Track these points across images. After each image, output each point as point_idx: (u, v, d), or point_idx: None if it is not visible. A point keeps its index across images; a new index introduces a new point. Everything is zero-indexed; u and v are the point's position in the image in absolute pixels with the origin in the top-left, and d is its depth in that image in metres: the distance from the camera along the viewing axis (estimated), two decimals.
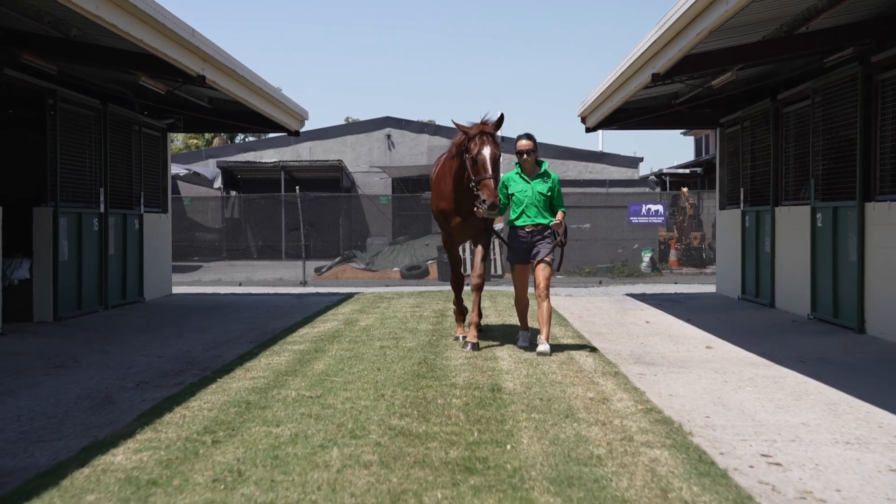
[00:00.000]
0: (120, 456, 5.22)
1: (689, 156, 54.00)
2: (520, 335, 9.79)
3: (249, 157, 36.43)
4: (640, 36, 10.89)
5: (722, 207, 17.79)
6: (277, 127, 17.74)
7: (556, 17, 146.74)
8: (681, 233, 29.50)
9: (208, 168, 35.24)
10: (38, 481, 4.76)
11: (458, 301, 10.63)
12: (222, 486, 4.49)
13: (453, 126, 9.67)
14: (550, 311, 9.43)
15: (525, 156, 9.45)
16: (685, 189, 29.95)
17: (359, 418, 6.06)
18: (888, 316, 10.44)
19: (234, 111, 16.78)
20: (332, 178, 35.50)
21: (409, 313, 13.58)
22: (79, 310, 13.37)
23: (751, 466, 5.20)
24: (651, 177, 33.07)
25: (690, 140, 54.82)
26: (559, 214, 9.33)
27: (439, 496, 4.31)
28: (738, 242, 16.21)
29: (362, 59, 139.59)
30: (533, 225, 9.33)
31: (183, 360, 9.40)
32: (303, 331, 11.57)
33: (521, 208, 9.38)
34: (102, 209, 14.20)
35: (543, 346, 9.11)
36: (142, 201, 16.03)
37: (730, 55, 11.62)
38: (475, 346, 9.46)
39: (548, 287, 9.22)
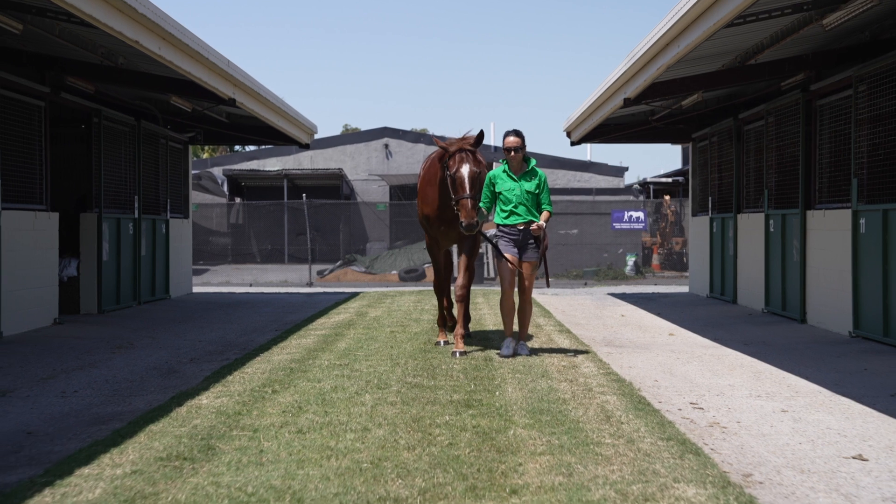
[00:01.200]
0: (205, 400, 6.94)
1: (677, 163, 55.75)
2: (504, 343, 9.31)
3: (253, 165, 38.10)
4: (632, 44, 12.36)
5: (694, 214, 19.56)
6: (289, 140, 19.43)
7: (549, 31, 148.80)
8: (663, 238, 31.32)
9: (215, 175, 36.97)
10: (151, 414, 6.45)
11: (441, 307, 10.48)
12: (290, 414, 6.22)
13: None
14: (531, 313, 9.50)
15: (512, 153, 9.13)
16: (667, 197, 31.75)
17: (381, 377, 7.80)
18: (823, 308, 12.21)
19: (249, 125, 18.48)
20: (333, 186, 37.23)
21: (411, 307, 15.31)
22: (117, 304, 15.05)
23: (679, 409, 6.92)
24: (635, 185, 34.92)
25: (678, 149, 56.57)
26: (544, 214, 9.16)
27: (447, 419, 6.04)
28: (707, 246, 17.99)
29: (359, 67, 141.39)
30: (524, 223, 9.05)
31: (221, 343, 11.09)
32: (320, 321, 13.29)
33: (509, 207, 9.09)
34: (136, 215, 15.89)
35: (524, 350, 9.25)
36: (168, 207, 17.74)
37: (691, 82, 13.37)
38: (463, 354, 9.19)
39: (531, 289, 9.26)
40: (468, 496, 4.29)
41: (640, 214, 25.58)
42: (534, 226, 9.02)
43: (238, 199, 38.35)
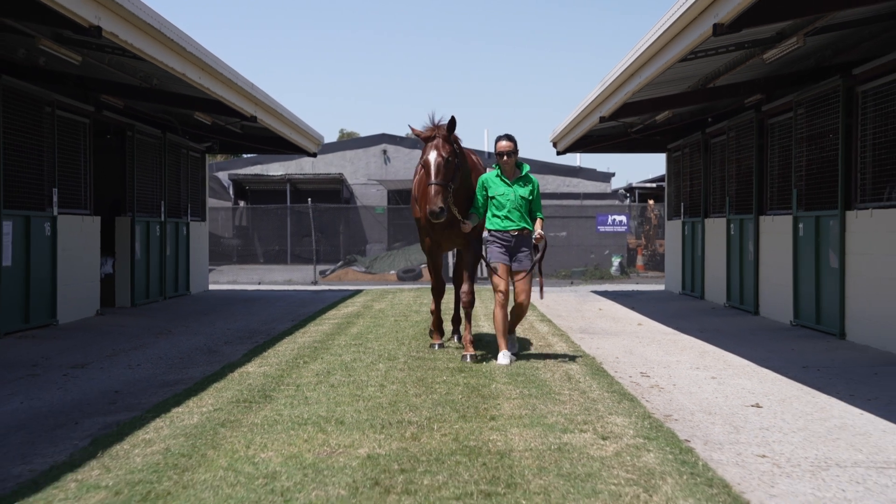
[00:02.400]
0: (250, 368, 8.68)
1: (662, 169, 57.56)
2: (500, 355, 8.97)
3: (257, 169, 39.81)
4: (629, 45, 13.81)
5: (669, 218, 21.35)
6: (298, 150, 21.16)
7: (545, 34, 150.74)
8: (647, 240, 33.14)
9: (221, 180, 38.71)
10: (210, 378, 8.18)
11: (438, 311, 10.30)
12: (322, 376, 7.97)
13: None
14: (525, 314, 9.43)
15: (505, 157, 9.03)
16: (651, 202, 33.57)
17: (390, 353, 9.55)
18: (772, 301, 13.98)
19: (262, 136, 20.19)
20: (334, 190, 38.99)
21: (411, 301, 17.06)
22: (147, 298, 16.77)
23: (630, 376, 8.66)
24: (620, 190, 36.76)
25: (663, 155, 58.39)
26: (538, 223, 9.10)
27: (444, 379, 7.79)
28: (680, 248, 19.77)
29: (355, 70, 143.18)
30: (517, 229, 8.94)
31: (247, 330, 12.81)
32: (331, 313, 15.03)
33: (503, 212, 8.95)
34: (162, 218, 17.62)
35: (512, 348, 9.29)
36: (189, 211, 19.46)
37: (660, 102, 15.13)
38: (474, 357, 8.95)
39: (528, 299, 9.14)
40: (460, 421, 6.04)
41: (623, 218, 27.39)
42: (536, 235, 8.96)
43: (242, 203, 40.06)
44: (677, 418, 6.67)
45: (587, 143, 20.62)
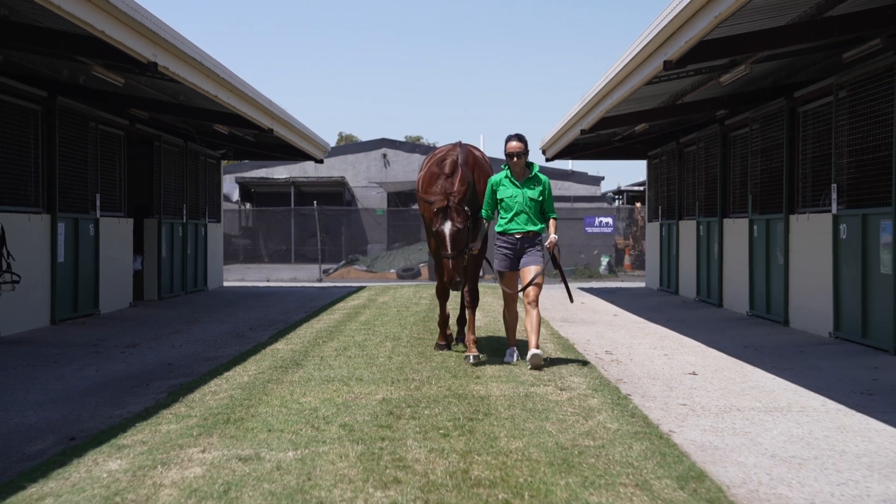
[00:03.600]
0: (279, 346, 10.41)
1: None
2: (507, 351, 9.18)
3: (262, 173, 41.53)
4: (617, 56, 15.08)
5: (649, 220, 23.09)
6: (306, 156, 22.86)
7: (540, 39, 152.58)
8: (635, 241, 34.88)
9: (225, 183, 40.42)
10: (246, 354, 9.89)
11: (444, 316, 10.01)
12: (340, 350, 9.70)
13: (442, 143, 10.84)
14: (539, 319, 9.02)
15: (515, 159, 8.89)
16: (639, 204, 35.32)
17: (395, 335, 11.28)
18: (733, 295, 15.71)
19: (273, 144, 21.88)
20: (336, 193, 40.74)
21: (411, 296, 18.80)
22: (171, 292, 18.48)
23: (596, 354, 10.37)
24: (609, 193, 38.53)
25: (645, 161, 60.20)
26: (552, 225, 9.02)
27: (440, 353, 9.52)
28: (658, 247, 21.51)
29: (353, 74, 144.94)
30: (522, 232, 8.81)
31: (267, 319, 14.51)
32: (339, 305, 16.75)
33: (510, 214, 8.84)
34: (184, 220, 19.33)
35: (534, 350, 8.58)
36: (206, 213, 21.18)
37: (635, 116, 16.84)
38: (477, 358, 8.92)
39: (538, 297, 8.91)
40: (452, 378, 7.78)
41: (609, 219, 29.17)
42: (548, 243, 8.89)
43: (248, 205, 41.80)
44: (626, 381, 8.39)
45: (574, 150, 22.34)
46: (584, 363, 9.18)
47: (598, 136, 21.50)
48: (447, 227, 8.66)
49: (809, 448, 5.80)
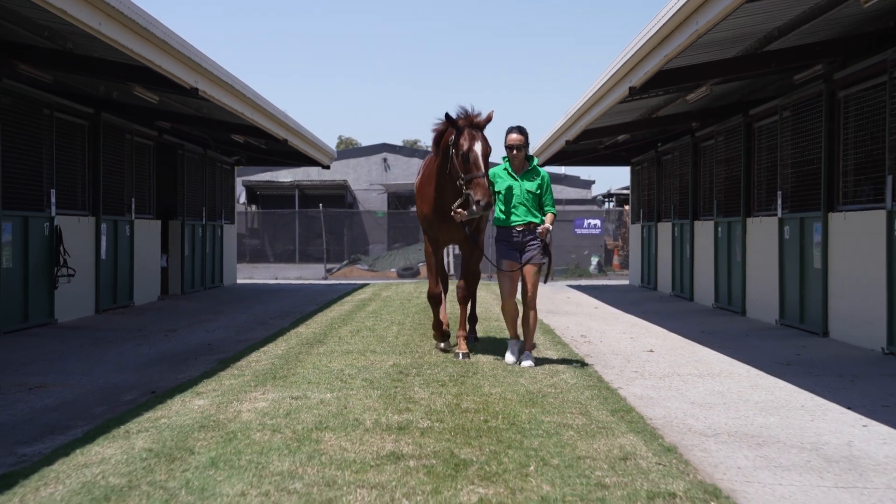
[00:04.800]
0: (301, 329, 12.17)
1: None
2: (509, 344, 9.13)
3: (267, 176, 43.29)
4: (608, 60, 16.59)
5: (632, 222, 24.88)
6: (314, 163, 24.59)
7: (535, 41, 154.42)
8: (623, 242, 36.68)
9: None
10: (272, 336, 11.63)
11: (438, 321, 9.86)
12: (353, 332, 11.47)
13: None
14: (536, 320, 9.20)
15: (514, 151, 8.81)
16: (627, 207, 37.11)
17: (400, 322, 13.05)
18: (702, 290, 17.49)
19: (284, 151, 23.63)
20: (338, 195, 42.51)
21: (412, 291, 20.57)
22: (192, 288, 20.22)
23: (572, 337, 12.12)
24: (599, 196, 40.36)
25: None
26: (548, 217, 8.88)
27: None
28: (640, 247, 23.29)
29: (351, 77, 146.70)
30: (523, 224, 8.75)
31: (283, 311, 16.24)
32: (347, 299, 18.51)
33: (509, 207, 8.80)
34: (204, 221, 21.08)
35: (528, 362, 8.75)
36: (222, 216, 22.93)
37: (614, 128, 18.61)
38: (466, 356, 9.08)
39: (535, 294, 8.94)
40: (448, 352, 9.55)
41: (597, 221, 30.97)
42: (541, 229, 8.75)
43: (254, 207, 43.56)
44: (592, 356, 10.14)
45: (563, 157, 24.13)
46: (561, 343, 10.95)
47: (584, 145, 23.28)
48: (479, 147, 8.59)
49: (722, 398, 7.56)
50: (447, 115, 8.85)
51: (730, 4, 7.88)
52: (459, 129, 8.71)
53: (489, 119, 8.89)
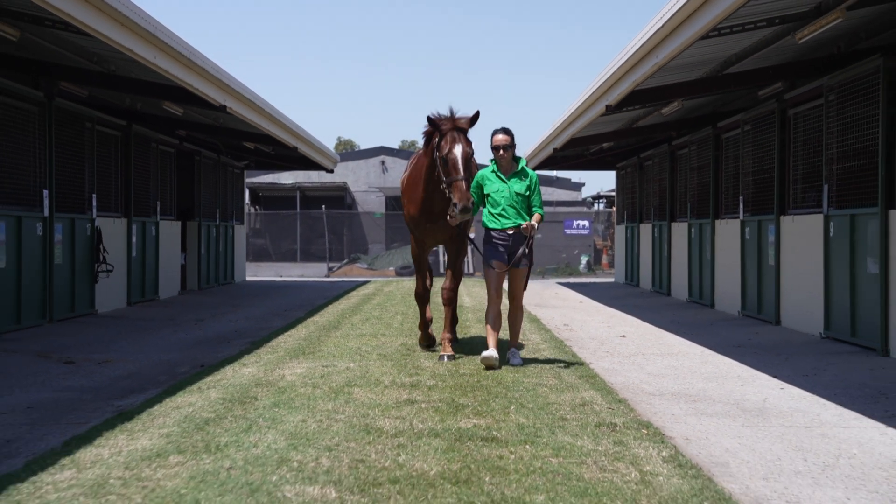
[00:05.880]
0: (316, 318, 13.76)
1: None
2: (484, 352, 8.62)
3: (269, 178, 44.84)
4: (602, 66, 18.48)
5: (617, 223, 26.52)
6: (319, 167, 26.15)
7: (533, 46, 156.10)
8: (612, 242, 38.31)
9: None
10: (291, 324, 13.21)
11: (424, 322, 10.00)
12: (363, 320, 13.08)
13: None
14: (522, 319, 9.29)
15: (501, 152, 8.71)
16: (615, 208, 38.78)
17: (403, 312, 14.65)
18: (678, 286, 19.11)
19: (290, 156, 25.19)
20: (338, 197, 44.11)
21: (412, 287, 22.08)
22: (208, 284, 21.80)
23: (556, 326, 13.70)
24: (588, 198, 42.03)
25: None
26: (535, 216, 8.84)
27: (439, 321, 12.91)
28: (624, 247, 24.92)
29: (351, 80, 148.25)
30: (513, 227, 8.70)
31: (295, 305, 17.81)
32: (352, 294, 20.10)
33: (498, 210, 8.72)
34: (218, 222, 22.65)
35: (516, 360, 8.84)
36: (233, 216, 24.51)
37: (599, 137, 20.23)
38: (452, 358, 8.98)
39: (522, 295, 9.05)
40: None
41: (586, 222, 32.61)
42: (524, 224, 8.65)
43: (257, 207, 45.13)
44: (571, 340, 11.73)
45: (553, 162, 25.74)
46: (545, 330, 12.56)
47: (572, 152, 24.90)
48: (458, 150, 8.54)
49: (674, 371, 9.16)
50: (429, 118, 8.81)
51: (684, 41, 9.46)
52: (442, 132, 8.69)
53: (474, 119, 8.85)
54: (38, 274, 12.62)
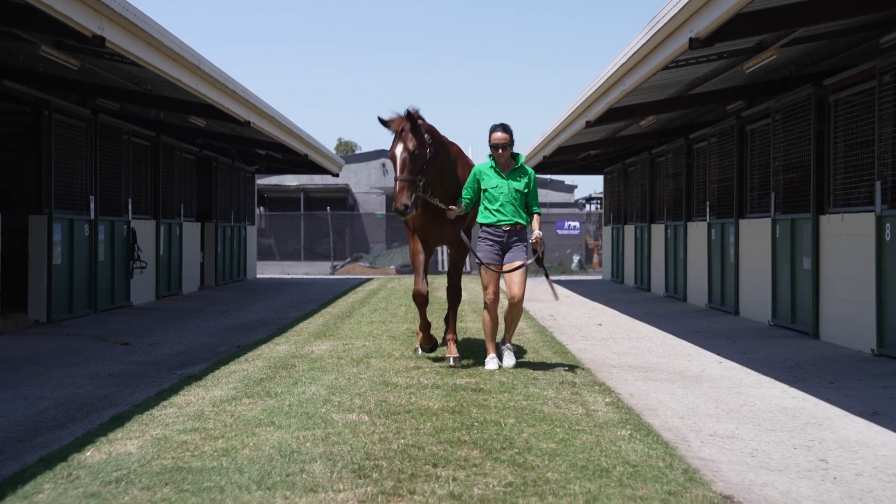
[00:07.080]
0: (330, 309, 15.51)
1: None
2: (487, 359, 8.70)
3: (274, 180, 46.59)
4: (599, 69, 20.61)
5: (605, 224, 28.29)
6: (325, 171, 27.90)
7: (530, 48, 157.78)
8: (604, 242, 40.12)
9: None
10: (307, 315, 14.95)
11: (424, 324, 9.58)
12: (372, 311, 14.84)
13: None
14: (520, 316, 9.04)
15: (500, 150, 8.55)
16: None
17: (407, 304, 16.39)
18: (656, 282, 20.88)
19: (299, 161, 26.94)
20: (341, 198, 45.87)
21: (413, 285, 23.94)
22: (224, 281, 23.53)
23: (541, 317, 15.44)
24: (580, 200, 43.86)
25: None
26: (535, 220, 8.75)
27: (440, 312, 14.68)
28: (610, 247, 26.69)
29: (353, 82, 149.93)
30: (510, 224, 8.54)
31: (307, 299, 19.55)
32: (358, 289, 21.84)
33: (495, 206, 8.53)
34: (232, 223, 24.40)
35: (510, 361, 8.78)
36: (245, 218, 26.25)
37: (586, 146, 21.98)
38: (457, 360, 8.80)
39: (522, 293, 8.71)
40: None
41: (577, 223, 34.42)
42: (533, 239, 8.61)
43: (262, 209, 46.87)
44: (554, 328, 13.48)
45: (544, 167, 27.51)
46: (532, 319, 14.32)
47: (561, 158, 26.67)
48: (398, 150, 8.26)
49: (637, 350, 10.91)
50: (379, 119, 8.50)
51: (645, 74, 11.21)
52: (394, 132, 8.46)
53: (410, 117, 8.38)
54: (86, 270, 14.36)
